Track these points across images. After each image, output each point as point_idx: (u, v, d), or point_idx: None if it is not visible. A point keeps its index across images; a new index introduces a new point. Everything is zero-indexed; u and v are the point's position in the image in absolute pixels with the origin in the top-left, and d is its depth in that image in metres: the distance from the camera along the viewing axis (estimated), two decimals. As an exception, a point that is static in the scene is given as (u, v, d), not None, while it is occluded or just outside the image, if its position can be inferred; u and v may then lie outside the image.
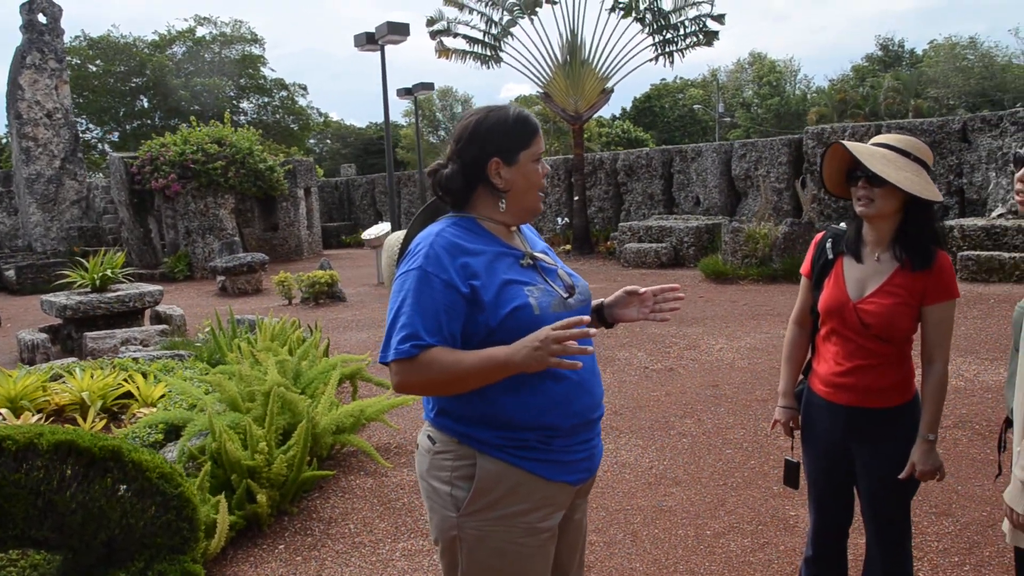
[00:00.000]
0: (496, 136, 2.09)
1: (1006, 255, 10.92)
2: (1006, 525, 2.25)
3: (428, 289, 1.98)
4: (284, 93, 45.33)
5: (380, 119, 62.82)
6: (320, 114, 49.44)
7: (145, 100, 43.41)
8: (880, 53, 51.64)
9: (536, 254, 2.18)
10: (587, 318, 1.92)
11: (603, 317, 2.37)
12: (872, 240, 2.59)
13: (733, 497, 4.44)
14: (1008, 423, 2.35)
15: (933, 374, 2.55)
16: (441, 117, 56.94)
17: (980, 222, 11.79)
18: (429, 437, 2.15)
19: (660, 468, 4.95)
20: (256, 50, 44.53)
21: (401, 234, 2.26)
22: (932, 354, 2.55)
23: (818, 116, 39.95)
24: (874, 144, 2.54)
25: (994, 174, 12.72)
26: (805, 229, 13.60)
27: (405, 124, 50.48)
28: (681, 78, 59.74)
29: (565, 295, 2.13)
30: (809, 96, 53.59)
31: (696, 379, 6.92)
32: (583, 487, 2.22)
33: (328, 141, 55.32)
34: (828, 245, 2.72)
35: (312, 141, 51.24)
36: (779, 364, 2.96)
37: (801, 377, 2.89)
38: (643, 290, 2.31)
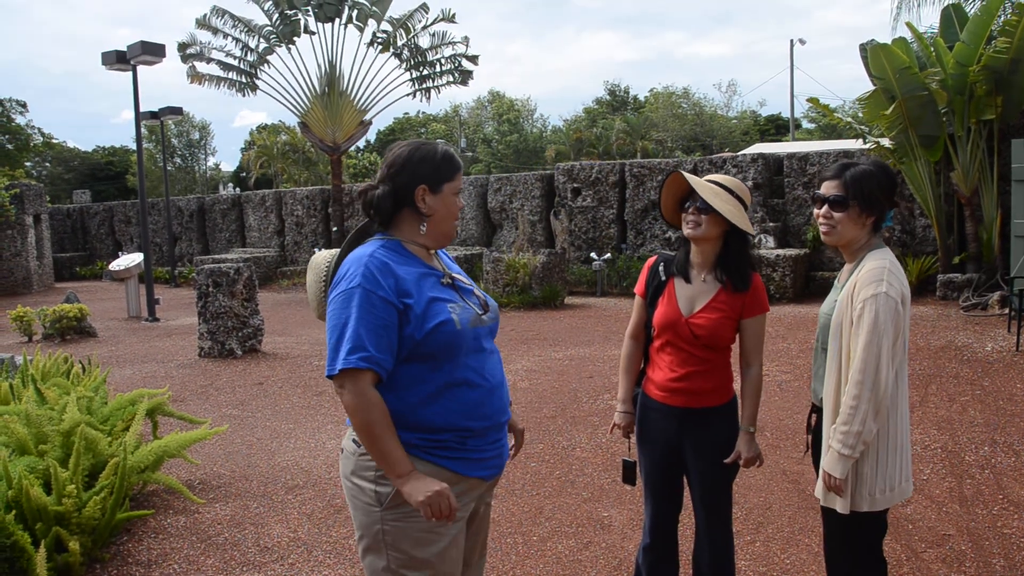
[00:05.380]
0: (425, 167, 2.34)
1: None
2: (819, 490, 2.74)
3: (369, 306, 2.18)
4: (-1, 109, 40.94)
5: (107, 143, 58.17)
6: (42, 135, 45.09)
7: None
8: (608, 97, 56.03)
9: (453, 275, 2.43)
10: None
11: None
12: (698, 263, 3.05)
13: (549, 504, 4.79)
14: (814, 410, 2.90)
15: (751, 376, 3.04)
16: (177, 144, 54.01)
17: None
18: (354, 440, 2.32)
19: (473, 485, 5.20)
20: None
21: (328, 254, 2.47)
22: (750, 359, 3.05)
23: (556, 153, 42.54)
24: (707, 180, 3.00)
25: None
26: (560, 258, 14.57)
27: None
28: (423, 113, 61.04)
29: (480, 312, 2.39)
30: (546, 134, 56.82)
31: (485, 401, 7.25)
32: (492, 482, 2.48)
33: (48, 164, 50.41)
34: (660, 268, 3.15)
35: (29, 164, 46.45)
36: (558, 384, 3.34)
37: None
38: None
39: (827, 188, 2.74)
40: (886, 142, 12.58)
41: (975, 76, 11.18)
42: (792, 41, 38.97)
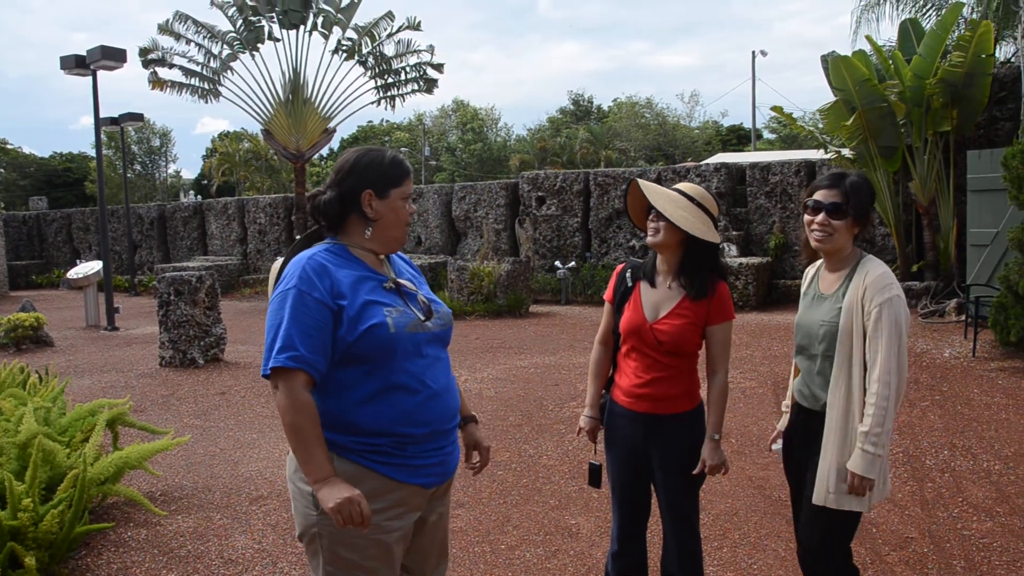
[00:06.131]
0: (372, 172, 2.33)
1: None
2: (819, 495, 2.74)
3: (303, 307, 2.18)
4: (-52, 114, 40.04)
5: (65, 149, 57.07)
6: (-4, 140, 44.23)
7: None
8: (572, 107, 56.27)
9: (400, 280, 2.39)
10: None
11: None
12: (664, 270, 3.07)
13: (516, 513, 4.77)
14: (800, 411, 2.97)
15: (716, 383, 3.05)
16: (137, 150, 53.15)
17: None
18: None
19: (440, 494, 5.17)
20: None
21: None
22: (715, 366, 3.05)
23: (520, 162, 42.58)
24: (672, 188, 3.03)
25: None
26: (525, 267, 14.58)
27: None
28: (388, 121, 60.81)
29: (423, 318, 2.35)
30: (510, 143, 56.90)
31: (452, 409, 7.21)
32: (437, 490, 2.44)
33: (3, 170, 49.33)
34: (628, 275, 3.16)
35: (-21, 170, 45.49)
36: (524, 392, 3.34)
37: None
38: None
39: (825, 196, 2.79)
40: (847, 152, 12.78)
41: (932, 89, 11.41)
42: (754, 53, 39.64)
